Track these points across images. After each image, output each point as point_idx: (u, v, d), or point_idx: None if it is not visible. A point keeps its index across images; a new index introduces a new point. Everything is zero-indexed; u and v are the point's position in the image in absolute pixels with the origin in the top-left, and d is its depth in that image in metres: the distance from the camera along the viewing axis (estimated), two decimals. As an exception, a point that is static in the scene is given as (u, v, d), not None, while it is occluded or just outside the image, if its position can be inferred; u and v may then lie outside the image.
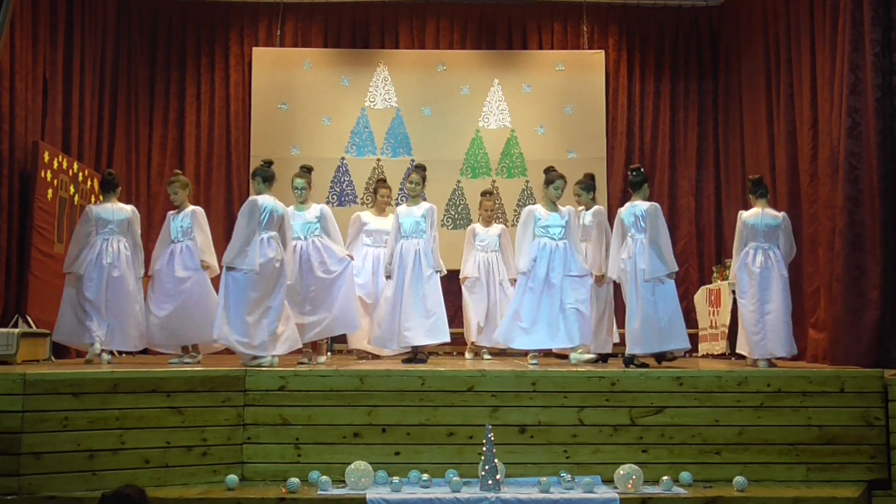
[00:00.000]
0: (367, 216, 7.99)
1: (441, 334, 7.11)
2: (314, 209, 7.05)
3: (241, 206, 6.37)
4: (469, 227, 8.53)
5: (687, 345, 6.52)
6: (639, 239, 6.50)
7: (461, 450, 5.33)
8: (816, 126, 7.65)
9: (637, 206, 6.60)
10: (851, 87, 6.83)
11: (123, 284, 6.72)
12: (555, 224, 6.78)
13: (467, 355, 8.32)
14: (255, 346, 5.92)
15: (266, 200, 6.32)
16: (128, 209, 6.99)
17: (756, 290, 6.62)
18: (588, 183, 7.60)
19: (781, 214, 6.84)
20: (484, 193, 8.45)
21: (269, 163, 6.62)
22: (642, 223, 6.51)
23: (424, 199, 7.42)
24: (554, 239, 6.75)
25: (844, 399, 5.44)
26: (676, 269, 6.52)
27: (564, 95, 10.29)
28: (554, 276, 6.64)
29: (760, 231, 6.73)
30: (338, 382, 5.43)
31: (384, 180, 8.29)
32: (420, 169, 7.43)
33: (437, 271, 7.31)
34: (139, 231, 7.06)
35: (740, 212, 6.96)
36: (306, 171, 7.16)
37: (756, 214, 6.80)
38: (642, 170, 6.84)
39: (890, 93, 6.66)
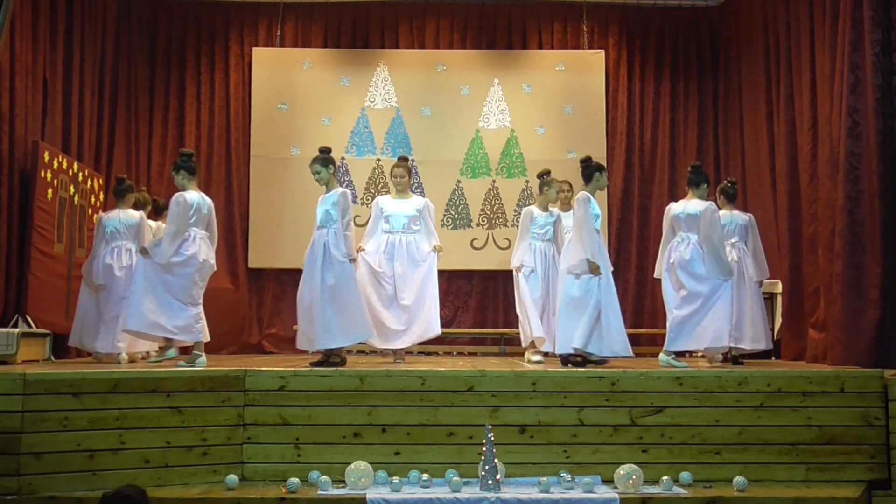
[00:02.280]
0: (386, 200, 7.44)
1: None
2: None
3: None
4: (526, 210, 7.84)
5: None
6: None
7: (461, 450, 5.34)
8: (816, 126, 7.66)
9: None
10: (851, 87, 6.83)
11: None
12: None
13: (534, 358, 7.20)
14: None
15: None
16: (136, 215, 7.15)
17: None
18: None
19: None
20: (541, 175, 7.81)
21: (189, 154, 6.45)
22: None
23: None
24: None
25: (844, 399, 5.44)
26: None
27: (564, 95, 10.29)
28: None
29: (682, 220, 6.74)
30: (338, 382, 5.43)
31: (405, 158, 7.50)
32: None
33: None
34: (149, 237, 7.13)
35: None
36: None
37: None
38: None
39: (890, 93, 6.66)
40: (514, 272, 7.47)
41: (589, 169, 6.75)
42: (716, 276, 6.42)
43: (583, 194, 6.64)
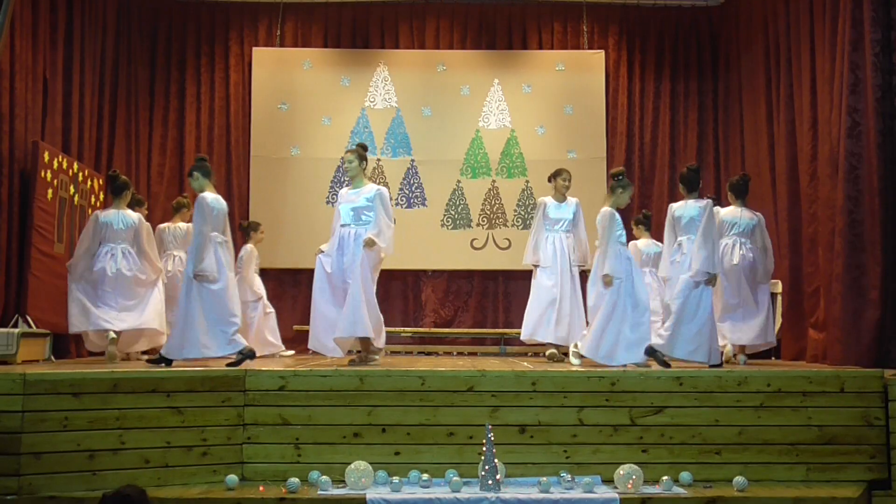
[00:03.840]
0: (342, 192, 7.12)
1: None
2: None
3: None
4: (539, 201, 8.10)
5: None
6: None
7: (461, 450, 5.34)
8: (816, 126, 7.66)
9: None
10: (851, 87, 6.83)
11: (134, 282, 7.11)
12: None
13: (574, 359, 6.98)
14: None
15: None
16: (134, 216, 7.20)
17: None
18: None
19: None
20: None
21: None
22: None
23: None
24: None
25: (844, 399, 5.44)
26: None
27: (564, 95, 10.30)
28: None
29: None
30: (338, 382, 5.43)
31: (362, 145, 7.05)
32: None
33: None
34: (145, 238, 7.24)
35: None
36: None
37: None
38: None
39: (890, 93, 6.66)
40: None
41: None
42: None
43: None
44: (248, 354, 6.10)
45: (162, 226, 8.55)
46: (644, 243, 8.62)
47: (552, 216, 7.84)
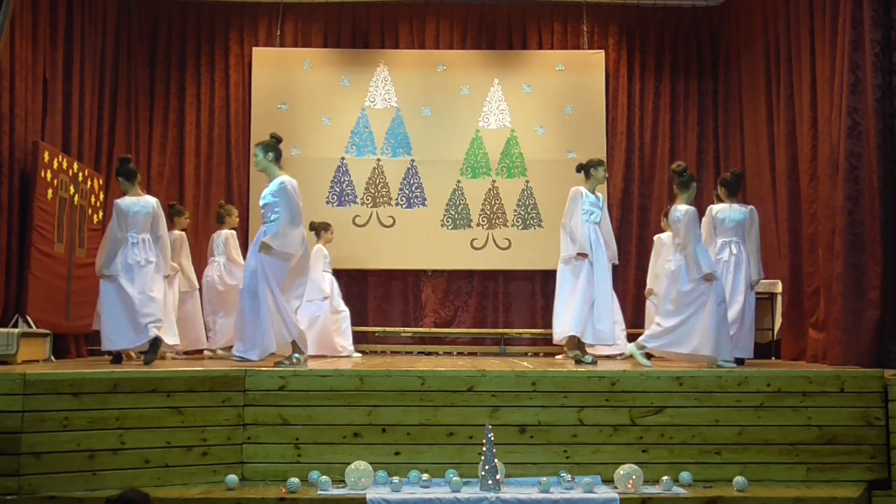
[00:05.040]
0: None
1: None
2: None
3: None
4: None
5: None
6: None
7: (461, 450, 5.34)
8: (816, 126, 7.66)
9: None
10: (851, 87, 6.83)
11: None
12: None
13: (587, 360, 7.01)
14: None
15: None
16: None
17: None
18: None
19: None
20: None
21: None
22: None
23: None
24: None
25: (844, 399, 5.44)
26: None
27: (564, 95, 10.30)
28: None
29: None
30: (338, 382, 5.43)
31: (273, 135, 6.55)
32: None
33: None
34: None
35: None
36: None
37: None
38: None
39: (890, 93, 6.66)
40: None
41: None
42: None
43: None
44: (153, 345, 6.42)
45: (214, 234, 8.81)
46: (668, 236, 8.44)
47: (587, 207, 7.18)
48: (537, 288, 10.07)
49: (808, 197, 7.77)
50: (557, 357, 8.71)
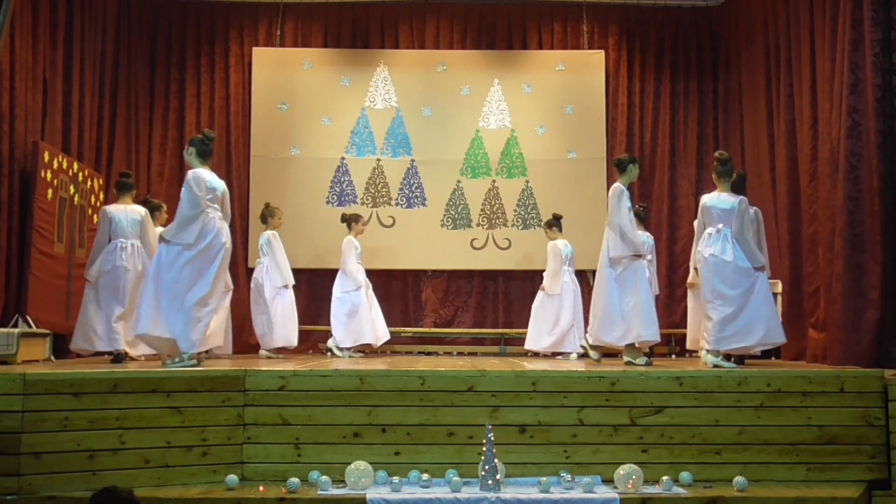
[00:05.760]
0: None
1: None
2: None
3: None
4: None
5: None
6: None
7: (461, 450, 5.33)
8: (816, 126, 7.66)
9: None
10: (851, 87, 6.83)
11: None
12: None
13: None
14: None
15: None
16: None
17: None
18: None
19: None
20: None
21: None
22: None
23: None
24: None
25: (844, 399, 5.44)
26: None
27: (564, 95, 10.30)
28: None
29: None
30: (338, 382, 5.43)
31: (207, 131, 6.71)
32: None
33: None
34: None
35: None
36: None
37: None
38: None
39: (890, 93, 6.66)
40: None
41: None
42: None
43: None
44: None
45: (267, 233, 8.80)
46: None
47: (630, 205, 6.93)
48: (537, 288, 10.06)
49: (808, 197, 7.77)
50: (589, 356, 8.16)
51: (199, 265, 6.02)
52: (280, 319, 8.46)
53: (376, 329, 8.76)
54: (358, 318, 8.59)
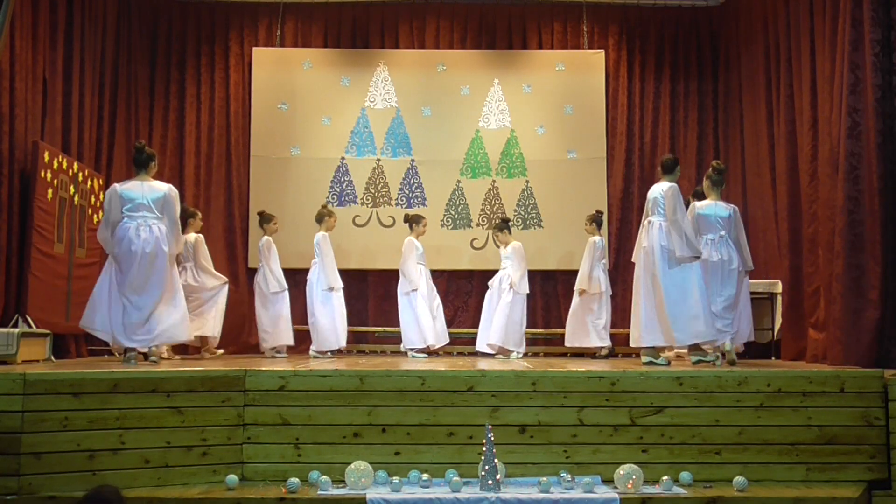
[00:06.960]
0: None
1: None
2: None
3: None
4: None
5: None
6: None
7: (461, 450, 5.34)
8: (816, 126, 7.66)
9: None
10: (851, 87, 6.83)
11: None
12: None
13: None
14: None
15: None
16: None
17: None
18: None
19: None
20: None
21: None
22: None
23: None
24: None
25: (844, 399, 5.44)
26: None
27: (564, 95, 10.30)
28: None
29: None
30: (338, 382, 5.43)
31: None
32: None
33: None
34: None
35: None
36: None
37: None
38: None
39: (890, 93, 6.66)
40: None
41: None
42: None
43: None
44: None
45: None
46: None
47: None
48: (537, 288, 10.06)
49: (808, 197, 7.77)
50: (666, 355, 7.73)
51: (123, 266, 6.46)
52: (330, 321, 8.45)
53: (435, 330, 8.80)
54: (416, 319, 8.64)
